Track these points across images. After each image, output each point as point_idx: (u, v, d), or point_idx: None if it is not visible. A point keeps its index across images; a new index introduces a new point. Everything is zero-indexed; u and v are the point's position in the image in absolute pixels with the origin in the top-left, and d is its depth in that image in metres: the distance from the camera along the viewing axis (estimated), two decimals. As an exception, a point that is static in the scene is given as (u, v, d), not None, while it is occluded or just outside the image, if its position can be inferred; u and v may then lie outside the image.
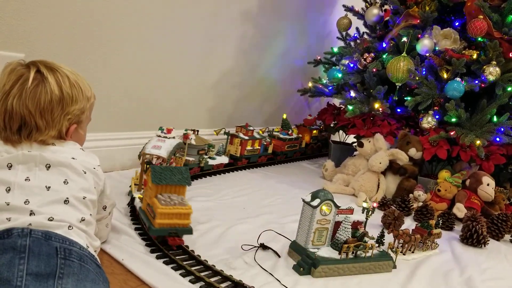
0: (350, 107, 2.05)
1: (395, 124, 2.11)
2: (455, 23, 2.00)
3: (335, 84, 2.26)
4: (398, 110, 2.10)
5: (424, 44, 1.90)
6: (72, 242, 0.73)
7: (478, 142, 1.77)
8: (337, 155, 2.39)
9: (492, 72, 1.76)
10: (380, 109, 2.03)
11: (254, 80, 2.47)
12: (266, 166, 2.20)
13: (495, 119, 1.87)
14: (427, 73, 1.91)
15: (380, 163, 1.89)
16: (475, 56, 1.84)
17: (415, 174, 1.97)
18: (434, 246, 1.41)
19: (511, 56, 1.82)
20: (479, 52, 1.86)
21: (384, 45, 2.12)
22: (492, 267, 1.38)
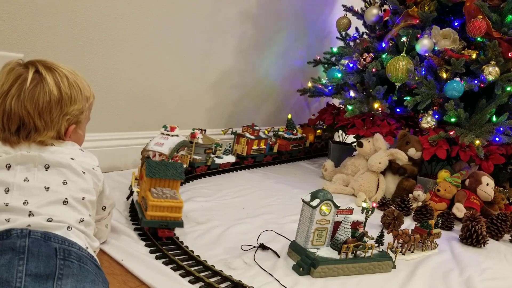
0: (350, 107, 2.05)
1: (395, 124, 2.11)
2: (455, 23, 2.00)
3: (335, 84, 2.26)
4: (398, 110, 2.10)
5: (423, 44, 1.90)
6: (71, 243, 0.72)
7: (477, 142, 1.77)
8: (336, 155, 2.39)
9: (491, 72, 1.76)
10: (380, 109, 2.03)
11: (254, 80, 2.47)
12: (266, 166, 2.20)
13: (494, 119, 1.87)
14: (427, 73, 1.91)
15: (379, 163, 1.89)
16: (474, 56, 1.84)
17: (414, 174, 1.97)
18: (433, 246, 1.40)
19: (510, 56, 1.82)
20: (478, 52, 1.86)
21: (383, 45, 2.12)
22: (492, 267, 1.38)
